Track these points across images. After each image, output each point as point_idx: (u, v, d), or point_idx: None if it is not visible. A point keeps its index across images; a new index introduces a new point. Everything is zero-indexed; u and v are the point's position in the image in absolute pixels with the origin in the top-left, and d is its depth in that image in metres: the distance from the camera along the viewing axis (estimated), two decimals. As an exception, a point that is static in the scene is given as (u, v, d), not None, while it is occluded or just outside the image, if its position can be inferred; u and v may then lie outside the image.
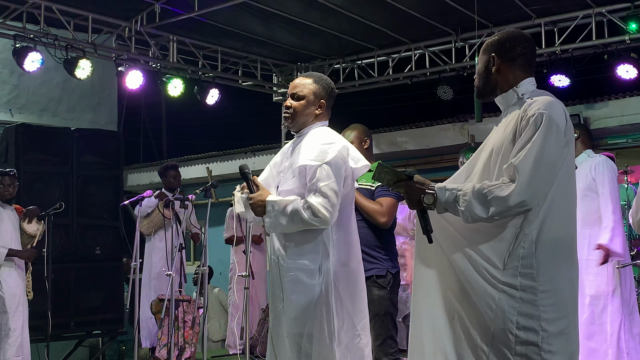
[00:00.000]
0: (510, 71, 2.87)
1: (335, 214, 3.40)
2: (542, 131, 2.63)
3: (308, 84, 3.66)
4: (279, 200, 3.46)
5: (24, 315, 6.60)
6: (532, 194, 2.60)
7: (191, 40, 9.29)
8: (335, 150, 3.47)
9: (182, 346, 7.04)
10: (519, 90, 2.85)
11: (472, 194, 2.64)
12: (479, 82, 2.96)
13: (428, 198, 2.73)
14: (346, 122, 3.94)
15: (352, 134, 4.85)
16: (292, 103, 3.65)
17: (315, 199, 3.36)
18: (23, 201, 7.01)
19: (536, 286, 2.63)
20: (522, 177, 2.59)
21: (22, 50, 7.80)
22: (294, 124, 3.67)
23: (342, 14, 8.44)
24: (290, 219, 3.39)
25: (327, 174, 3.40)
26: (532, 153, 2.60)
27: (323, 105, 3.67)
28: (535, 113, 2.66)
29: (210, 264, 8.47)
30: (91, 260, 8.16)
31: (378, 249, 4.68)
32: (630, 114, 9.11)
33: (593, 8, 8.16)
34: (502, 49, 2.89)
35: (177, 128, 19.54)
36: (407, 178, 2.83)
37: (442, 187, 2.74)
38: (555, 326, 2.62)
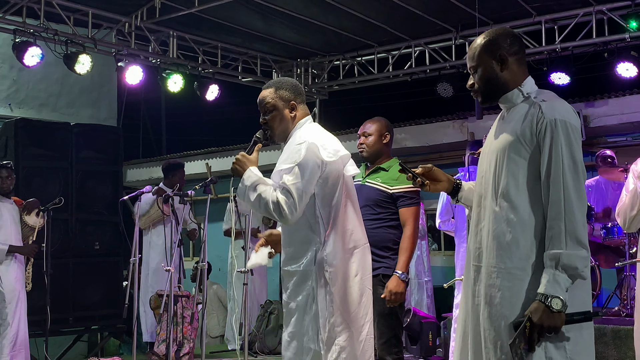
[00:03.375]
0: (515, 68, 2.78)
1: (297, 214, 3.42)
2: (569, 140, 2.60)
3: (271, 93, 3.64)
4: (257, 177, 3.49)
5: (23, 309, 6.60)
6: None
7: (191, 36, 9.29)
8: (304, 150, 3.46)
9: (180, 342, 7.05)
10: (524, 89, 2.77)
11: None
12: (485, 85, 2.82)
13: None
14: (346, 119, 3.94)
15: (372, 126, 4.89)
16: (265, 118, 3.65)
17: (282, 197, 3.39)
18: (22, 196, 7.00)
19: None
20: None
21: (21, 45, 7.80)
22: (277, 137, 3.68)
23: (342, 10, 8.44)
24: (257, 200, 3.43)
25: (296, 174, 3.42)
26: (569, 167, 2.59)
27: (294, 106, 3.65)
28: (555, 119, 2.62)
29: (209, 260, 8.46)
30: (90, 255, 8.16)
31: (386, 249, 4.71)
32: (630, 112, 9.09)
33: (593, 6, 8.15)
34: (506, 44, 2.78)
35: (177, 124, 19.53)
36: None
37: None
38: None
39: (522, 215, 2.65)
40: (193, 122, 19.18)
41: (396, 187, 4.74)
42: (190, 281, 9.14)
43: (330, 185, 3.53)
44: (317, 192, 3.49)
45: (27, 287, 6.68)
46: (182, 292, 7.27)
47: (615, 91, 9.36)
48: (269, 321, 8.05)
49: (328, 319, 3.45)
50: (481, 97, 2.86)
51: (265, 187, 3.45)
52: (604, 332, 6.47)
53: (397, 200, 4.75)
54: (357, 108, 15.61)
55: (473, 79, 2.86)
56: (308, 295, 3.50)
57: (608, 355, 6.27)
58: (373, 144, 4.86)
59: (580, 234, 2.53)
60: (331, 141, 3.60)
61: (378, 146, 4.87)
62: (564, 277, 2.50)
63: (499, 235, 2.68)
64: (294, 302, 3.56)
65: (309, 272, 3.49)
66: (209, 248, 6.24)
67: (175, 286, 6.68)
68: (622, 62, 8.09)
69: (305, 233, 3.52)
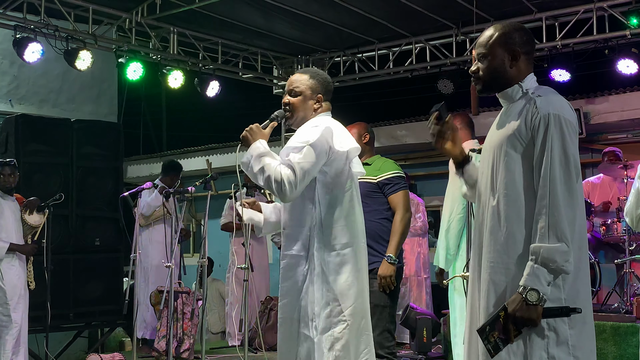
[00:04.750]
0: (523, 66, 2.80)
1: (296, 192, 3.44)
2: (562, 135, 2.61)
3: (304, 79, 3.70)
4: (265, 149, 3.53)
5: (24, 306, 6.61)
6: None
7: (192, 32, 9.28)
8: (318, 132, 3.50)
9: (181, 338, 7.06)
10: (524, 85, 2.79)
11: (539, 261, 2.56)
12: (490, 75, 2.81)
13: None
14: (346, 115, 3.97)
15: (352, 129, 5.04)
16: (290, 99, 3.69)
17: (285, 173, 3.41)
18: (23, 192, 7.00)
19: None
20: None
21: (22, 41, 7.79)
22: (294, 120, 3.71)
23: (342, 7, 8.43)
24: (260, 171, 3.46)
25: (305, 154, 3.45)
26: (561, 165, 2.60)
27: (320, 99, 3.69)
28: (548, 113, 2.62)
29: (210, 256, 8.48)
30: (90, 251, 8.16)
31: (384, 242, 4.78)
32: (630, 109, 9.09)
33: (594, 3, 8.15)
34: (521, 41, 2.78)
35: (177, 120, 19.56)
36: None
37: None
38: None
39: (519, 210, 2.66)
40: (193, 118, 19.20)
41: (380, 176, 4.88)
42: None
43: (333, 174, 3.55)
44: (318, 177, 3.52)
45: (30, 286, 6.68)
46: (183, 289, 7.28)
47: (615, 88, 9.36)
48: (269, 317, 8.06)
49: (323, 308, 3.45)
50: (481, 86, 2.87)
51: (270, 160, 3.49)
52: (603, 329, 6.48)
53: (384, 188, 4.87)
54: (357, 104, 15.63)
55: (478, 65, 2.85)
56: (301, 281, 3.50)
57: (607, 352, 6.28)
58: None
59: (562, 228, 2.53)
60: (345, 134, 3.66)
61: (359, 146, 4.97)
62: (544, 271, 2.52)
63: (496, 230, 2.70)
64: (284, 284, 3.59)
65: (302, 257, 3.50)
66: (209, 244, 6.25)
67: (175, 282, 6.69)
68: (623, 59, 8.09)
69: (301, 215, 3.54)
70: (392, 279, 4.73)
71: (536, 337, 2.58)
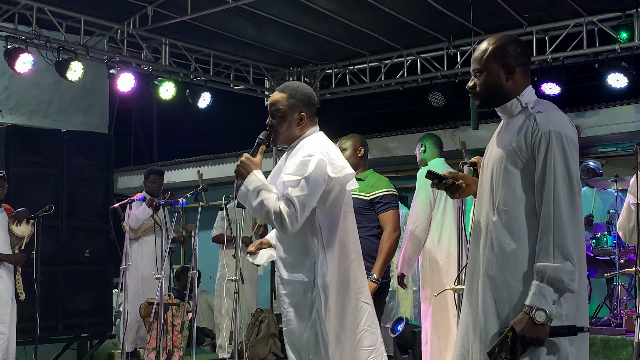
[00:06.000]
0: (520, 79, 2.78)
1: (297, 226, 3.42)
2: (564, 152, 2.59)
3: (284, 100, 3.62)
4: (261, 182, 3.48)
5: (12, 317, 6.57)
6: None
7: (183, 44, 9.29)
8: (313, 164, 3.44)
9: (170, 350, 7.02)
10: (522, 99, 2.77)
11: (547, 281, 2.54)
12: (487, 89, 2.79)
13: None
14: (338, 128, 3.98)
15: (347, 142, 5.15)
16: (271, 121, 3.66)
17: (284, 207, 3.38)
18: (13, 203, 6.97)
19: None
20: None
21: (13, 52, 7.78)
22: (279, 141, 3.68)
23: (334, 19, 8.45)
24: (259, 206, 3.43)
25: (302, 187, 3.41)
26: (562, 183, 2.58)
27: (304, 117, 3.64)
28: (549, 130, 2.60)
29: (200, 268, 8.45)
30: (80, 262, 8.12)
31: (372, 259, 4.82)
32: (620, 122, 9.14)
33: (584, 17, 8.20)
34: (515, 54, 2.76)
35: (169, 131, 19.53)
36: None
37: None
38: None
39: (520, 226, 2.64)
40: (185, 129, 19.18)
41: (373, 193, 4.93)
42: (175, 288, 9.14)
43: (332, 200, 3.56)
44: (318, 204, 3.50)
45: (20, 297, 6.64)
46: (172, 301, 7.25)
47: (605, 102, 9.41)
48: (260, 330, 8.03)
49: (325, 335, 3.47)
50: (480, 101, 2.84)
51: (268, 194, 3.45)
52: (593, 342, 6.49)
53: (375, 206, 4.93)
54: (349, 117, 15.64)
55: (474, 81, 2.82)
56: (309, 307, 3.50)
57: (598, 365, 6.29)
58: (348, 157, 5.04)
59: (568, 247, 2.51)
60: (338, 156, 3.61)
61: (353, 159, 5.10)
62: (550, 290, 2.49)
63: (496, 246, 2.67)
64: (291, 310, 3.57)
65: (308, 283, 3.50)
66: (199, 256, 6.24)
67: (165, 294, 6.67)
68: (613, 72, 8.13)
69: (304, 243, 3.53)
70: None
71: (538, 354, 2.56)
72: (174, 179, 13.19)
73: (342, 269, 3.55)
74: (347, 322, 3.54)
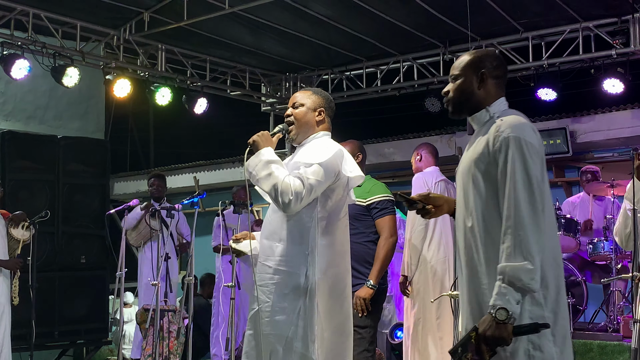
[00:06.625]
0: (491, 89, 2.88)
1: (299, 206, 3.43)
2: (523, 157, 2.65)
3: (307, 94, 3.80)
4: (274, 156, 3.52)
5: (7, 323, 6.54)
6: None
7: (180, 50, 9.29)
8: (330, 154, 3.53)
9: (166, 357, 7.00)
10: (491, 110, 2.86)
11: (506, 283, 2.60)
12: (458, 97, 2.91)
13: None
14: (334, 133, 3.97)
15: (346, 146, 5.05)
16: (292, 111, 3.74)
17: (295, 182, 3.40)
18: (8, 209, 6.95)
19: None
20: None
21: (9, 58, 7.77)
22: (297, 132, 3.73)
23: (331, 25, 8.46)
24: (267, 177, 3.44)
25: (315, 170, 3.45)
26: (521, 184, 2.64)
27: (323, 112, 3.76)
28: (509, 136, 2.68)
29: (197, 274, 8.44)
30: (76, 269, 8.11)
31: (368, 265, 4.82)
32: (616, 128, 9.15)
33: (580, 23, 8.21)
34: (492, 66, 2.89)
35: (165, 137, 19.51)
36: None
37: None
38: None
39: (491, 231, 2.71)
40: (181, 135, 19.16)
41: (369, 199, 4.94)
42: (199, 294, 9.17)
43: (335, 198, 3.58)
44: (320, 198, 3.52)
45: (14, 302, 6.62)
46: (169, 307, 7.23)
47: (601, 107, 9.42)
48: (256, 336, 8.00)
49: (314, 328, 3.45)
50: (452, 107, 2.95)
51: (279, 168, 3.48)
52: (590, 348, 6.49)
53: (372, 211, 4.93)
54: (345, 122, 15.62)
55: (449, 87, 2.95)
56: (300, 299, 3.47)
57: (595, 371, 6.28)
58: None
59: (527, 247, 2.56)
60: (353, 161, 3.72)
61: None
62: (511, 290, 2.55)
63: (473, 251, 2.76)
64: (277, 301, 3.51)
65: (299, 275, 3.47)
66: (196, 262, 6.22)
67: (161, 300, 6.65)
68: (609, 78, 8.13)
69: (300, 233, 3.52)
70: (366, 302, 4.77)
71: (522, 357, 2.61)
72: (170, 184, 13.11)
73: (335, 269, 3.56)
74: (333, 322, 3.54)
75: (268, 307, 3.53)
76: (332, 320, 3.54)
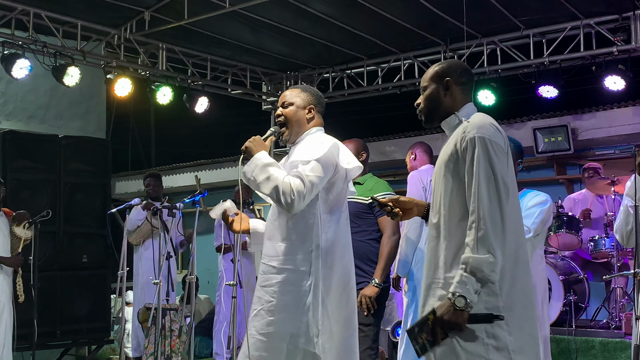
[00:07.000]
0: (457, 96, 3.04)
1: (302, 205, 3.43)
2: (487, 155, 2.78)
3: (296, 92, 3.77)
4: (269, 159, 3.52)
5: (9, 321, 6.54)
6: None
7: (180, 49, 9.28)
8: (325, 148, 3.53)
9: (168, 355, 7.01)
10: (459, 114, 3.02)
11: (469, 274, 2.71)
12: (428, 106, 3.09)
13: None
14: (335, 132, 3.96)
15: (350, 145, 5.12)
16: (282, 110, 3.73)
17: (294, 182, 3.40)
18: (10, 209, 6.95)
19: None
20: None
21: (10, 57, 7.77)
22: (289, 133, 3.72)
23: (331, 24, 8.46)
24: (266, 180, 3.44)
25: (313, 167, 3.45)
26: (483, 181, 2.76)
27: (313, 109, 3.74)
28: (474, 136, 2.81)
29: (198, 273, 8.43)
30: (78, 268, 8.11)
31: (372, 263, 4.82)
32: (617, 125, 9.14)
33: (581, 20, 8.20)
34: (454, 74, 3.05)
35: (166, 136, 19.52)
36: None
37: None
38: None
39: (451, 229, 2.85)
40: (182, 134, 19.17)
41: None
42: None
43: (335, 192, 3.58)
44: (320, 193, 3.52)
45: (20, 299, 6.62)
46: (171, 305, 7.23)
47: (603, 104, 9.42)
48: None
49: (319, 323, 3.44)
50: (423, 116, 3.13)
51: (277, 170, 3.48)
52: (592, 345, 6.49)
53: (374, 210, 4.93)
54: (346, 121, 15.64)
55: (420, 99, 3.13)
56: (304, 297, 3.46)
57: (597, 368, 6.28)
58: None
59: (490, 241, 2.69)
60: (347, 151, 3.71)
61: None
62: (472, 280, 2.68)
63: (432, 245, 2.92)
64: (283, 298, 3.50)
65: (305, 272, 3.47)
66: (198, 260, 6.22)
67: (163, 299, 6.65)
68: (610, 75, 8.13)
69: (304, 230, 3.51)
70: (372, 300, 4.77)
71: (477, 344, 2.72)
72: (171, 183, 13.17)
73: (340, 262, 3.56)
74: (341, 315, 3.53)
75: (272, 307, 3.52)
76: (341, 314, 3.54)
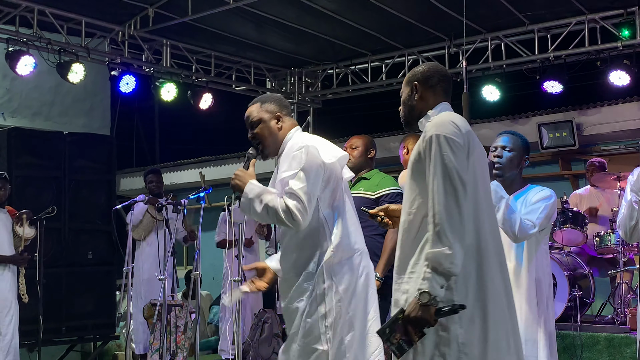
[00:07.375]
0: (429, 97, 3.12)
1: (308, 217, 3.44)
2: (443, 151, 2.83)
3: (256, 108, 3.72)
4: (260, 188, 3.52)
5: (15, 318, 6.56)
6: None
7: (185, 45, 9.29)
8: (305, 154, 3.50)
9: (174, 351, 7.02)
10: (430, 115, 3.08)
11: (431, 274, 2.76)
12: (404, 110, 3.19)
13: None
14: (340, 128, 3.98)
15: (359, 141, 5.28)
16: (253, 132, 3.71)
17: (292, 202, 3.40)
18: (15, 205, 6.97)
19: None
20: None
21: (15, 54, 7.79)
22: (269, 149, 3.71)
23: (335, 19, 8.45)
24: (265, 210, 3.45)
25: (302, 178, 3.44)
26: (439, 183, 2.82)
27: (280, 117, 3.70)
28: (432, 135, 2.86)
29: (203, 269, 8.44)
30: (83, 264, 8.12)
31: (376, 257, 4.83)
32: (622, 120, 9.12)
33: (586, 15, 8.19)
34: (422, 77, 3.15)
35: (170, 132, 19.52)
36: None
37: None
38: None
39: (413, 228, 2.92)
40: (186, 130, 19.16)
41: (378, 192, 4.99)
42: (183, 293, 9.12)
43: (331, 187, 3.58)
44: (319, 195, 3.51)
45: (23, 299, 6.64)
46: (176, 302, 7.24)
47: (608, 99, 9.40)
48: (263, 330, 8.02)
49: (336, 319, 3.46)
50: (403, 120, 3.23)
51: (270, 196, 3.47)
52: (597, 340, 6.48)
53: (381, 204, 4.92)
54: (350, 116, 15.63)
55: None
56: (312, 297, 3.48)
57: (602, 363, 6.27)
58: (359, 156, 5.25)
59: (446, 233, 2.73)
60: (327, 144, 3.67)
61: (363, 159, 5.27)
62: (434, 275, 2.71)
63: (404, 245, 2.96)
64: (295, 304, 3.54)
65: (312, 274, 3.49)
66: (202, 257, 6.23)
67: (168, 295, 6.66)
68: (615, 70, 8.11)
69: (311, 239, 3.52)
70: None
71: (430, 337, 2.78)
72: (176, 180, 13.19)
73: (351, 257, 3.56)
74: (358, 309, 3.54)
75: (289, 310, 3.60)
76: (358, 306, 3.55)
